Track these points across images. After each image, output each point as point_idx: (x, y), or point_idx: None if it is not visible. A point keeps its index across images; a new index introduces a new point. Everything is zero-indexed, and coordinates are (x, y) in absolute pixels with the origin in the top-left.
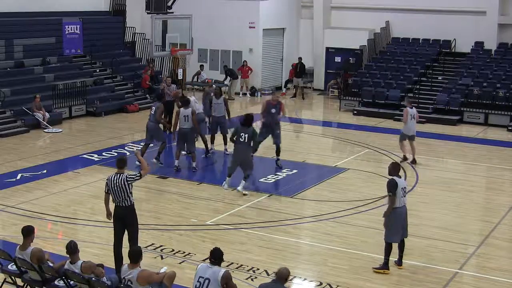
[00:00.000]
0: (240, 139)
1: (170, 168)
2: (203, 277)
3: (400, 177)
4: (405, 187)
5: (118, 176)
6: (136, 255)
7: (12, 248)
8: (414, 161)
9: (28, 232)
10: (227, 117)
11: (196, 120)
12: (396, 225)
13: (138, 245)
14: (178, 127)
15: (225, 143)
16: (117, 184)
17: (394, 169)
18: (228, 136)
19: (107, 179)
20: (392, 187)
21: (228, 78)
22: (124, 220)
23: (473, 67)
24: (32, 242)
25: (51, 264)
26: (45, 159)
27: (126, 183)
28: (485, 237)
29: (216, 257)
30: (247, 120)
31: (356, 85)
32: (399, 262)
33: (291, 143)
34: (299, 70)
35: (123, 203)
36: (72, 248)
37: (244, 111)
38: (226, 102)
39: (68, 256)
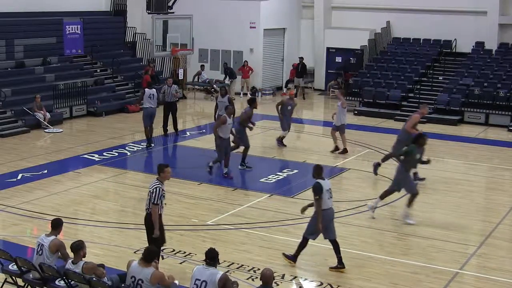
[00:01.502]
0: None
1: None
2: (199, 280)
3: (323, 179)
4: (330, 189)
5: (153, 181)
6: (149, 255)
7: (12, 248)
8: (336, 149)
9: (55, 225)
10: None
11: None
12: (322, 225)
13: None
14: None
15: None
16: (149, 188)
17: (317, 172)
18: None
19: None
20: (317, 190)
21: (227, 77)
22: (145, 225)
23: (473, 67)
24: (59, 235)
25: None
26: (45, 159)
27: (151, 189)
28: (485, 237)
29: (210, 257)
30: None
31: (356, 85)
32: (339, 263)
33: (291, 143)
34: (301, 70)
35: (147, 208)
36: (74, 247)
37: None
38: (231, 101)
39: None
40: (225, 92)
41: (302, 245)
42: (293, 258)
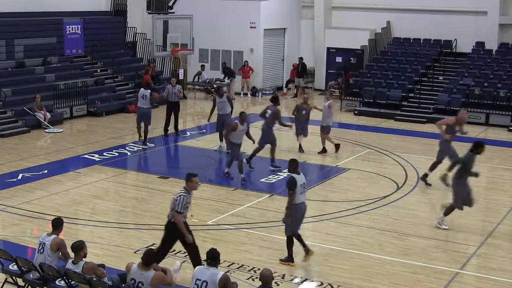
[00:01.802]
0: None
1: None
2: (200, 280)
3: (299, 173)
4: (304, 183)
5: (180, 189)
6: (149, 259)
7: (13, 248)
8: (324, 151)
9: (56, 224)
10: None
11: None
12: (294, 219)
13: (152, 248)
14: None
15: None
16: (175, 195)
17: (292, 166)
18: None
19: None
20: (291, 185)
21: (226, 77)
22: (165, 231)
23: (474, 67)
24: (60, 235)
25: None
26: (46, 159)
27: (175, 197)
28: (486, 237)
29: (211, 257)
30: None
31: (357, 85)
32: (306, 250)
33: (292, 143)
34: (301, 70)
35: (169, 215)
36: (74, 247)
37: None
38: (229, 99)
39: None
40: (222, 92)
41: (290, 243)
42: (290, 259)
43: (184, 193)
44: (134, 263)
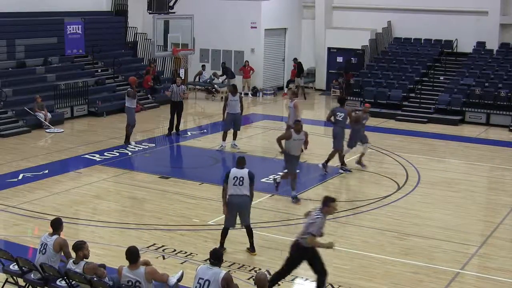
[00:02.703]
0: None
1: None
2: (203, 279)
3: (241, 168)
4: (238, 177)
5: (316, 210)
6: (133, 256)
7: (13, 248)
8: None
9: (56, 225)
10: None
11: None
12: (229, 211)
13: (134, 245)
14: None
15: (234, 138)
16: (310, 216)
17: (236, 161)
18: None
19: None
20: (225, 176)
21: (225, 76)
22: (291, 252)
23: (474, 67)
24: (61, 235)
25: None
26: (46, 159)
27: (311, 219)
28: (486, 237)
29: (215, 257)
30: None
31: (358, 85)
32: (251, 249)
33: None
34: (298, 70)
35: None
36: (73, 247)
37: (246, 111)
38: (241, 100)
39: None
40: (233, 89)
41: (223, 233)
42: (222, 248)
43: (321, 216)
44: (124, 266)
